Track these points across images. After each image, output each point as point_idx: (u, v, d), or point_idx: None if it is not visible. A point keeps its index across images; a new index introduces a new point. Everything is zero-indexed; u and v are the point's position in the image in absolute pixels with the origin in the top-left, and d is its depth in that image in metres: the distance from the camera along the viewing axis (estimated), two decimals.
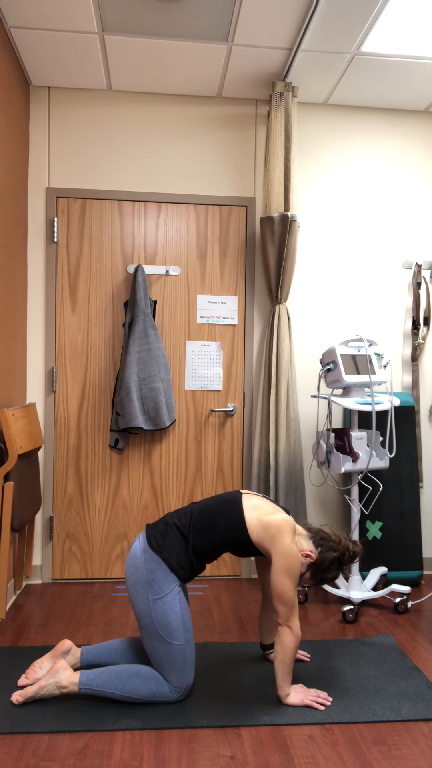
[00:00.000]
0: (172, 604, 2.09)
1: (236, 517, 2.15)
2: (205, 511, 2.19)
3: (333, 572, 2.22)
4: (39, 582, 3.39)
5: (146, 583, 2.10)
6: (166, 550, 2.12)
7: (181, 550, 2.13)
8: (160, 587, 2.09)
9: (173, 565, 2.11)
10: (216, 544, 2.15)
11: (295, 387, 3.37)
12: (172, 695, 2.11)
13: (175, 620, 2.09)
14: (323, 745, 1.92)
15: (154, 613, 2.08)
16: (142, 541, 2.18)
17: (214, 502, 2.22)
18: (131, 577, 2.14)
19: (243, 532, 2.13)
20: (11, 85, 3.00)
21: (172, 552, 2.12)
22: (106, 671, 2.12)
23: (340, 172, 3.56)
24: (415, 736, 1.97)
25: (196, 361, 3.47)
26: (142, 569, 2.11)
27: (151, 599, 2.09)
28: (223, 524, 2.15)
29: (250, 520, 2.14)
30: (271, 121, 3.26)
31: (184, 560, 2.13)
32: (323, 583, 2.24)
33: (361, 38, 2.85)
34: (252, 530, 2.13)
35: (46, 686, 2.10)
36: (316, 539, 2.23)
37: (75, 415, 3.41)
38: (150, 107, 3.44)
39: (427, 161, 3.62)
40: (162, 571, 2.10)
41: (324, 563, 2.20)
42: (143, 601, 2.10)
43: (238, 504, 2.17)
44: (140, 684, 2.09)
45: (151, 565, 2.11)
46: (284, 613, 2.09)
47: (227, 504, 2.18)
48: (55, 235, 3.37)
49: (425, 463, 3.63)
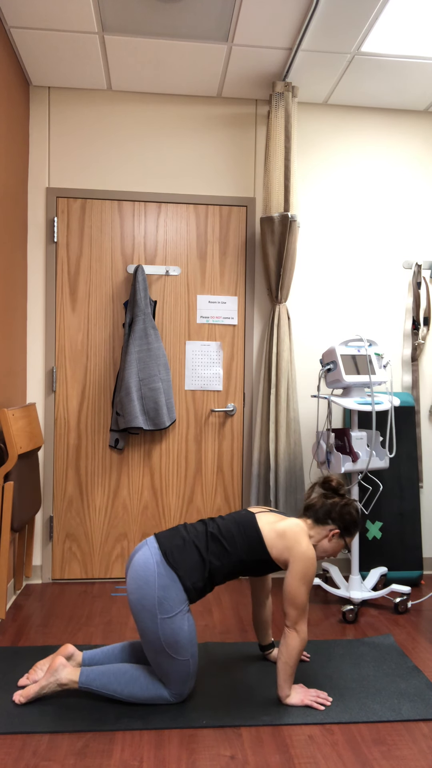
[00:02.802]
0: (181, 623, 2.02)
1: (255, 539, 2.11)
2: (222, 535, 2.12)
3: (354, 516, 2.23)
4: (39, 582, 3.39)
5: (157, 600, 2.00)
6: (183, 568, 2.03)
7: (197, 571, 2.05)
8: (171, 606, 2.01)
9: (188, 585, 2.03)
10: (234, 567, 2.10)
11: (295, 387, 3.37)
12: (172, 699, 2.11)
13: (184, 638, 2.03)
14: (323, 745, 1.92)
15: (161, 631, 2.00)
16: (154, 552, 2.06)
17: (229, 525, 2.15)
18: (138, 590, 2.02)
19: (263, 551, 2.11)
20: (11, 85, 3.00)
21: (189, 571, 2.04)
22: (105, 672, 2.10)
23: (340, 172, 3.56)
24: (415, 736, 1.97)
25: (196, 361, 3.47)
26: (153, 584, 2.00)
27: (160, 618, 2.00)
28: (242, 547, 2.10)
29: (268, 537, 2.12)
30: (271, 121, 3.26)
31: (199, 582, 2.05)
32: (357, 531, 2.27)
33: (361, 38, 2.85)
34: (272, 548, 2.11)
35: (47, 685, 2.10)
36: (321, 516, 2.23)
37: (75, 415, 3.41)
38: (150, 107, 3.44)
39: (427, 161, 3.62)
40: (176, 590, 2.01)
41: (346, 524, 2.22)
42: (150, 618, 2.00)
43: (254, 525, 2.14)
44: (138, 689, 2.08)
45: (166, 581, 2.01)
46: (294, 617, 2.08)
47: (243, 527, 2.14)
48: (55, 235, 3.37)
49: (425, 463, 3.63)
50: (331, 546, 2.24)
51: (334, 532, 2.21)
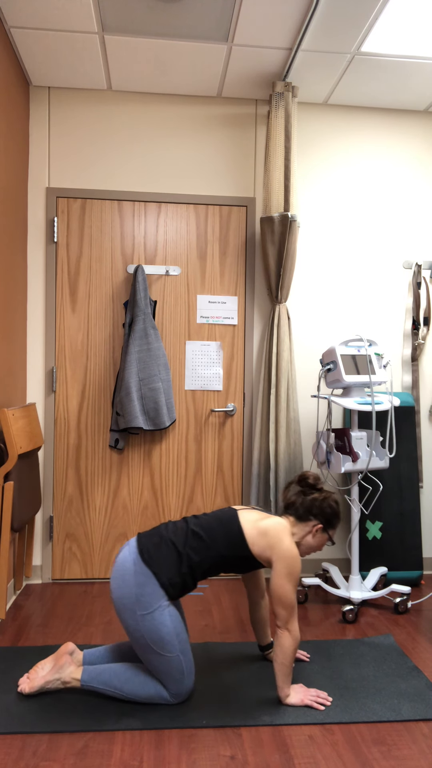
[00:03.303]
0: (162, 618, 2.04)
1: (235, 534, 2.12)
2: (203, 530, 2.14)
3: (335, 509, 2.27)
4: (39, 582, 3.39)
5: (135, 597, 2.03)
6: (158, 564, 2.06)
7: (173, 567, 2.08)
8: (149, 602, 2.04)
9: (164, 581, 2.05)
10: (214, 563, 2.11)
11: (295, 387, 3.37)
12: (171, 699, 2.11)
13: (167, 633, 2.04)
14: (323, 745, 1.92)
15: (143, 628, 2.03)
16: (133, 551, 2.11)
17: (210, 521, 2.17)
18: (118, 589, 2.07)
19: (244, 548, 2.12)
20: (11, 85, 3.00)
21: (165, 568, 2.07)
22: (107, 671, 2.13)
23: (340, 171, 3.56)
24: (415, 736, 1.97)
25: (196, 361, 3.47)
26: (131, 582, 2.05)
27: (139, 614, 2.03)
28: (222, 543, 2.11)
29: (249, 534, 2.13)
30: (271, 121, 3.26)
31: (176, 578, 2.07)
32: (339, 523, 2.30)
33: (361, 38, 2.85)
34: (252, 544, 2.12)
35: (51, 681, 2.14)
36: (302, 513, 2.25)
37: (75, 415, 3.41)
38: (150, 107, 3.44)
39: (427, 161, 3.62)
40: (152, 585, 2.04)
41: (327, 518, 2.25)
42: (131, 616, 2.04)
43: (236, 521, 2.15)
44: (139, 686, 2.10)
45: (141, 578, 2.05)
46: (284, 617, 2.08)
47: (225, 522, 2.15)
48: (55, 235, 3.37)
49: (425, 463, 3.63)
50: (316, 541, 2.26)
51: (317, 527, 2.24)
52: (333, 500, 2.28)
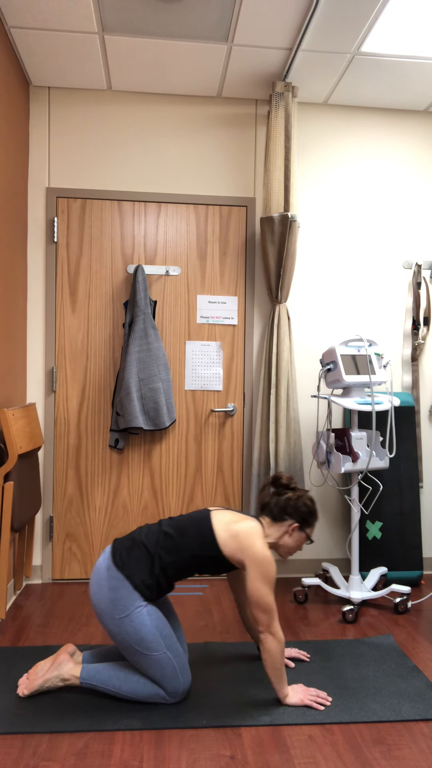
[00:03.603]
0: (141, 619, 2.05)
1: (206, 534, 2.12)
2: (174, 530, 2.14)
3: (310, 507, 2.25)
4: (39, 582, 3.39)
5: (110, 602, 2.06)
6: (129, 568, 2.08)
7: (145, 568, 2.09)
8: (125, 605, 2.05)
9: (137, 583, 2.06)
10: (186, 563, 2.11)
11: (295, 387, 3.37)
12: (169, 698, 2.11)
13: (149, 633, 2.05)
14: (323, 745, 1.92)
15: (124, 631, 2.05)
16: (107, 557, 2.14)
17: (182, 521, 2.18)
18: (95, 595, 2.10)
19: (215, 548, 2.11)
20: (11, 85, 3.00)
21: (137, 570, 2.08)
22: (106, 669, 2.14)
23: (340, 172, 3.56)
24: (415, 736, 1.97)
25: (196, 361, 3.47)
26: (105, 587, 2.07)
27: (118, 618, 2.05)
28: (194, 543, 2.11)
29: (220, 535, 2.11)
30: (271, 121, 3.26)
31: (149, 579, 2.08)
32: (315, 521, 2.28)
33: (361, 38, 2.85)
34: (223, 545, 2.11)
35: (50, 678, 2.14)
36: (276, 514, 2.24)
37: (75, 415, 3.41)
38: (150, 107, 3.44)
39: (427, 161, 3.62)
40: (125, 588, 2.06)
41: (303, 516, 2.23)
42: (110, 620, 2.06)
43: (208, 521, 2.15)
44: (137, 685, 2.10)
45: (114, 582, 2.07)
46: (265, 621, 2.06)
47: (196, 522, 2.15)
48: (55, 235, 3.37)
49: (425, 463, 3.63)
50: (294, 540, 2.25)
51: (293, 526, 2.23)
52: (308, 498, 2.27)
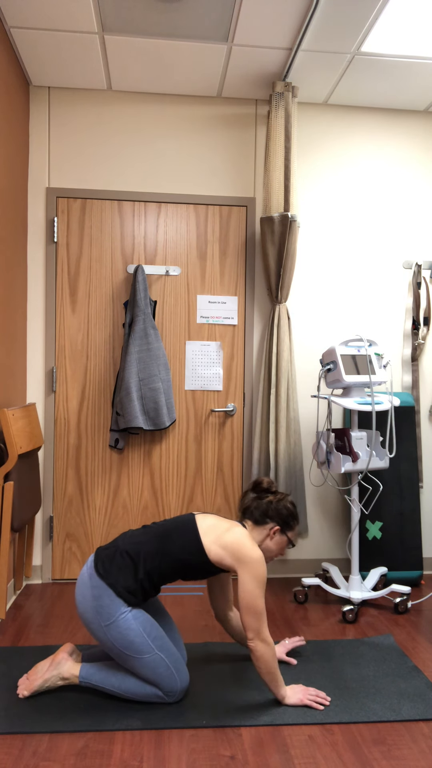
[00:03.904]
0: (126, 624, 2.05)
1: (192, 540, 2.11)
2: (158, 535, 2.14)
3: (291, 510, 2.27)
4: (39, 582, 3.39)
5: (94, 610, 2.06)
6: (112, 575, 2.08)
7: (128, 574, 2.08)
8: (109, 613, 2.05)
9: (119, 590, 2.06)
10: (170, 567, 2.11)
11: (295, 387, 3.37)
12: (168, 698, 2.12)
13: (137, 636, 2.05)
14: (323, 745, 1.92)
15: (111, 638, 2.05)
16: (90, 566, 2.14)
17: (166, 526, 2.17)
18: (80, 604, 2.11)
19: (200, 553, 2.10)
20: (11, 85, 3.00)
21: (119, 577, 2.07)
22: (104, 668, 2.15)
23: (340, 172, 3.56)
24: (415, 736, 1.97)
25: (196, 361, 3.48)
26: (88, 596, 2.08)
27: (104, 625, 2.05)
28: (178, 547, 2.11)
29: (207, 540, 2.11)
30: (271, 121, 3.26)
31: (133, 585, 2.08)
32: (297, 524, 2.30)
33: (361, 38, 2.85)
34: (210, 551, 2.10)
35: (50, 678, 2.14)
36: (258, 517, 2.25)
37: (75, 415, 3.41)
38: (150, 107, 3.44)
39: (427, 161, 3.62)
40: (108, 596, 2.05)
41: (284, 519, 2.25)
42: (97, 628, 2.07)
43: (192, 526, 2.14)
44: (135, 685, 2.11)
45: (97, 591, 2.07)
46: (254, 626, 2.04)
47: (181, 527, 2.15)
48: (55, 235, 3.37)
49: (425, 463, 3.63)
50: (275, 544, 2.25)
51: (274, 529, 2.23)
52: (289, 502, 2.28)
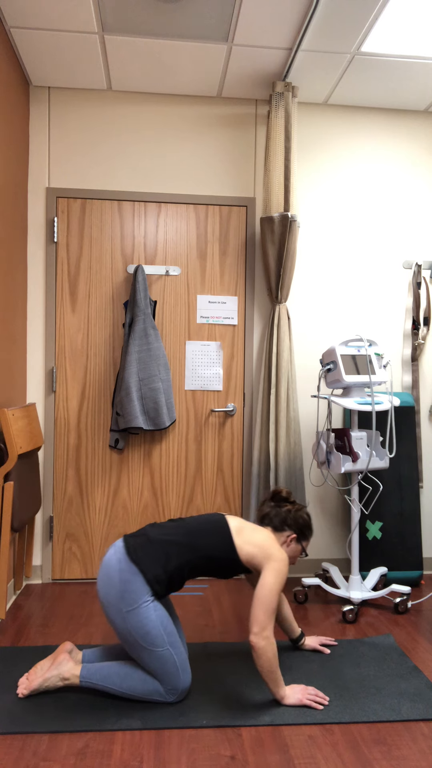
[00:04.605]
0: (147, 613, 2.07)
1: (224, 539, 2.18)
2: (190, 532, 2.19)
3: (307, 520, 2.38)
4: (39, 582, 3.39)
5: (119, 594, 2.08)
6: (143, 562, 2.11)
7: (159, 565, 2.12)
8: (133, 598, 2.07)
9: (150, 578, 2.09)
10: (200, 563, 2.16)
11: (295, 387, 3.37)
12: (168, 697, 2.12)
13: (153, 628, 2.07)
14: (323, 745, 1.92)
15: (129, 624, 2.07)
16: (119, 550, 2.16)
17: (198, 524, 2.22)
18: (103, 588, 2.12)
19: (232, 551, 2.16)
20: (11, 85, 3.00)
21: (151, 566, 2.11)
22: (105, 666, 2.15)
23: (340, 172, 3.56)
24: (415, 736, 1.97)
25: (196, 361, 3.48)
26: (115, 579, 2.09)
27: (125, 611, 2.07)
28: (210, 545, 2.16)
29: (238, 540, 2.18)
30: (271, 121, 3.26)
31: (162, 575, 2.11)
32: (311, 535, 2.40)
33: (361, 38, 2.85)
34: (241, 550, 2.17)
35: (50, 678, 2.14)
36: (277, 524, 2.34)
37: (75, 415, 3.41)
38: (150, 107, 3.44)
39: (427, 161, 3.62)
40: (136, 582, 2.08)
41: (300, 528, 2.35)
42: (117, 613, 2.08)
43: (224, 526, 2.21)
44: (137, 682, 2.11)
45: (126, 575, 2.09)
46: (263, 621, 2.06)
47: (213, 526, 2.21)
48: (55, 235, 3.37)
49: (425, 463, 3.63)
50: (290, 551, 2.34)
51: (291, 537, 2.32)
52: (306, 512, 2.39)
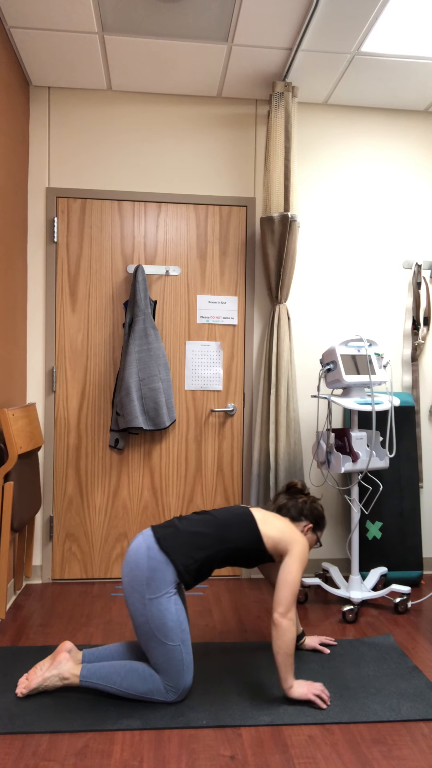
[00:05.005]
0: (168, 605, 2.11)
1: (251, 530, 2.24)
2: (219, 524, 2.24)
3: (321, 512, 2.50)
4: (39, 582, 3.39)
5: (145, 580, 2.11)
6: (175, 552, 2.14)
7: (189, 555, 2.16)
8: (158, 587, 2.10)
9: (180, 569, 2.13)
10: (228, 554, 2.22)
11: (295, 387, 3.37)
12: (169, 695, 2.12)
13: (171, 620, 2.10)
14: (323, 745, 1.92)
15: (149, 612, 2.09)
16: (147, 538, 2.19)
17: (226, 516, 2.28)
18: (130, 573, 2.14)
19: (258, 541, 2.23)
20: (11, 85, 3.00)
21: (182, 556, 2.14)
22: (106, 666, 2.15)
23: (340, 172, 3.56)
24: (415, 736, 1.97)
25: (196, 361, 3.47)
26: (143, 566, 2.12)
27: (147, 598, 2.10)
28: (238, 537, 2.22)
29: (264, 529, 2.25)
30: (271, 121, 3.26)
31: (192, 565, 2.15)
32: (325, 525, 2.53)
33: (361, 38, 2.85)
34: (267, 538, 2.24)
35: (50, 677, 2.14)
36: (294, 514, 2.44)
37: (75, 415, 3.41)
38: (150, 107, 3.44)
39: (427, 161, 3.62)
40: (163, 571, 2.11)
41: (316, 518, 2.47)
42: (139, 599, 2.11)
43: (251, 518, 2.28)
44: (138, 680, 2.11)
45: (154, 563, 2.12)
46: (287, 601, 2.14)
47: (241, 519, 2.27)
48: (55, 235, 3.37)
49: (425, 463, 3.63)
50: (307, 540, 2.40)
51: (307, 527, 2.43)
52: (320, 504, 2.50)
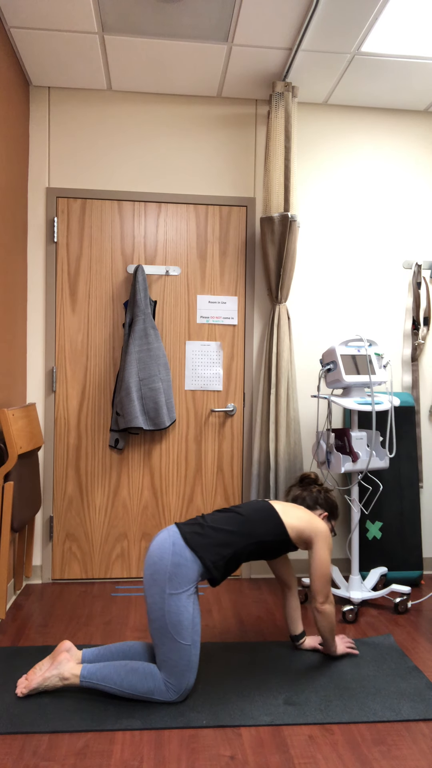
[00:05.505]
0: (186, 603, 2.13)
1: (276, 523, 2.32)
2: (246, 521, 2.30)
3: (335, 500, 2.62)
4: (39, 582, 3.39)
5: (168, 575, 2.13)
6: (201, 548, 2.17)
7: (218, 552, 2.20)
8: (180, 583, 2.13)
9: (208, 565, 2.16)
10: (254, 548, 2.27)
11: (295, 387, 3.37)
12: (169, 695, 2.12)
13: (186, 619, 2.12)
14: (323, 745, 1.92)
15: (167, 607, 2.11)
16: (173, 534, 2.21)
17: (250, 511, 2.34)
18: (153, 566, 2.16)
19: (283, 534, 2.31)
20: (11, 85, 3.00)
21: (208, 551, 2.18)
22: (106, 665, 2.15)
23: (340, 171, 3.56)
24: (415, 736, 1.97)
25: (196, 361, 3.48)
26: (167, 561, 2.14)
27: (168, 593, 2.12)
28: (264, 531, 2.29)
29: (287, 521, 2.34)
30: (271, 121, 3.26)
31: (220, 561, 2.19)
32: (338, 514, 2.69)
33: (361, 38, 2.85)
34: (291, 529, 2.33)
35: (50, 677, 2.14)
36: (310, 504, 2.57)
37: (75, 415, 3.41)
38: (150, 107, 3.44)
39: (427, 161, 3.62)
40: (187, 567, 2.14)
41: (330, 507, 2.59)
42: (159, 593, 2.12)
43: (274, 512, 2.35)
44: (138, 680, 2.11)
45: (179, 559, 2.14)
46: (326, 590, 2.30)
47: (265, 514, 2.34)
48: (55, 235, 3.37)
49: (425, 463, 3.63)
50: None
51: (323, 516, 2.55)
52: (333, 494, 2.64)
